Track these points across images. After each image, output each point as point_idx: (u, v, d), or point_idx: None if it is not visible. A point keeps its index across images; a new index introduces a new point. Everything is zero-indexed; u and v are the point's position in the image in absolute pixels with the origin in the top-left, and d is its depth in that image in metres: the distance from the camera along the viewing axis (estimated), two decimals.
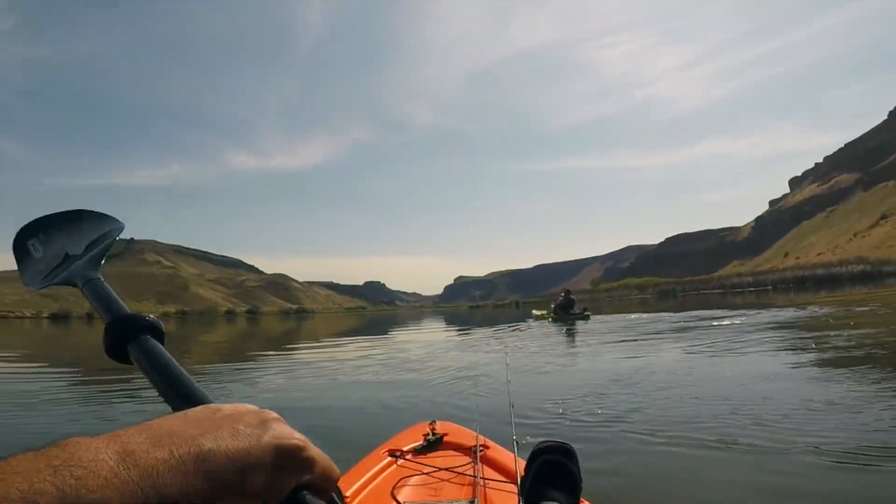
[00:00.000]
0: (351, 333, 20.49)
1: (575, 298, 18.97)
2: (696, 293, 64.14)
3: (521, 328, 15.44)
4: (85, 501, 0.25)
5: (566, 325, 15.48)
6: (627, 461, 2.98)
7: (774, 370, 5.52)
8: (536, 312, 20.10)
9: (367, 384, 6.31)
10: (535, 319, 18.71)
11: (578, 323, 15.86)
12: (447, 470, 1.90)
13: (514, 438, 1.90)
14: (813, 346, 7.18)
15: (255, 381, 7.31)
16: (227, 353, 13.78)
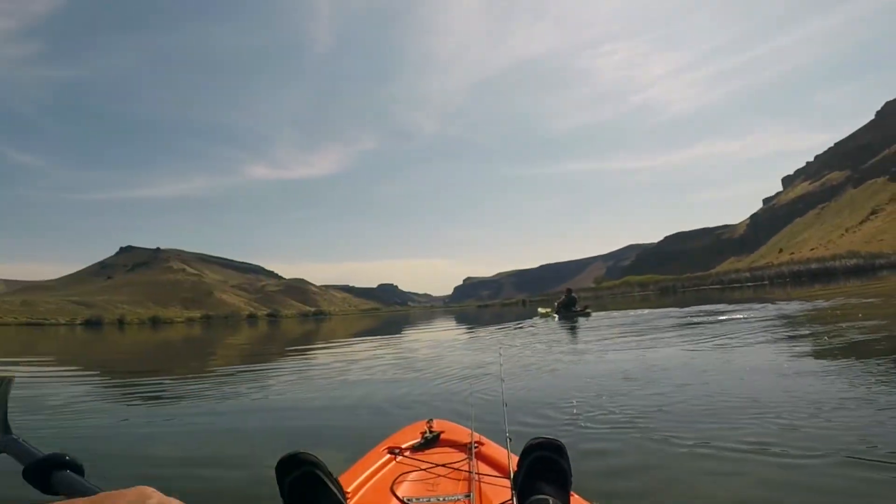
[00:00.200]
0: (365, 334, 20.53)
1: (576, 297, 19.06)
2: (695, 289, 63.55)
3: (524, 326, 15.40)
4: None
5: (569, 322, 15.45)
6: (624, 458, 2.92)
7: (794, 366, 5.12)
8: (541, 310, 20.08)
9: (370, 384, 6.32)
10: (540, 317, 18.73)
11: (580, 320, 15.83)
12: (444, 466, 1.92)
13: (507, 435, 1.91)
14: (827, 339, 6.77)
15: (269, 381, 7.34)
16: (248, 354, 13.86)
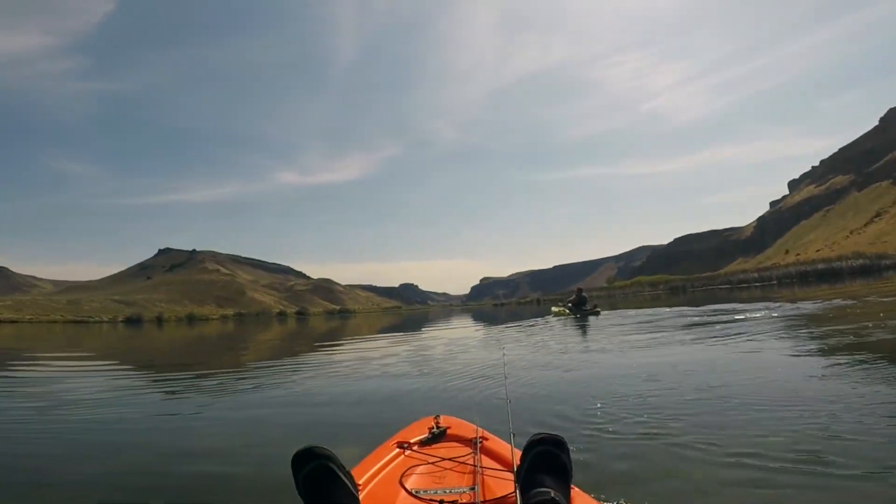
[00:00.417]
0: (386, 331, 20.62)
1: (587, 296, 19.06)
2: (704, 289, 62.58)
3: (537, 324, 15.34)
4: None
5: (580, 320, 15.38)
6: (624, 456, 2.80)
7: (826, 367, 4.64)
8: (555, 309, 20.02)
9: (383, 380, 6.32)
10: (554, 315, 18.69)
11: (591, 319, 15.74)
12: (450, 460, 1.93)
13: (510, 431, 1.89)
14: (852, 338, 6.20)
15: (292, 377, 7.38)
16: (276, 350, 14.00)
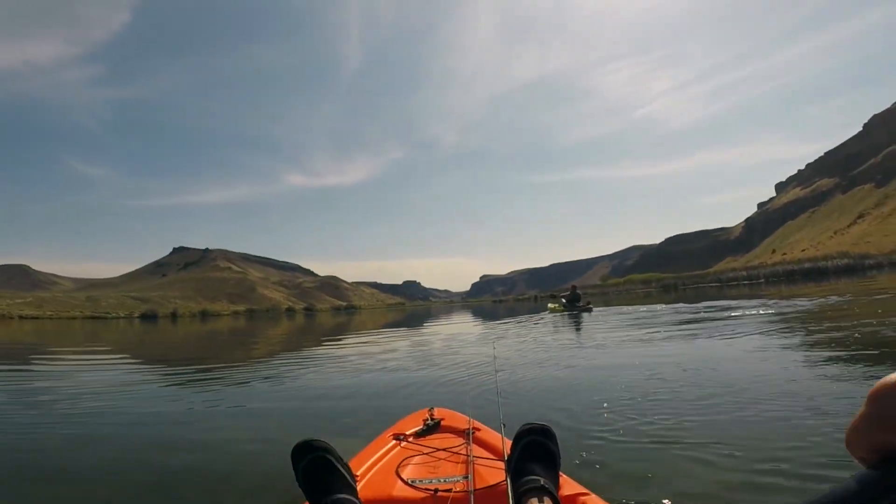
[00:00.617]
0: (390, 326, 20.62)
1: (581, 293, 19.17)
2: (694, 287, 62.58)
3: (533, 319, 15.37)
4: None
5: (574, 316, 15.45)
6: (606, 445, 2.83)
7: (838, 369, 4.26)
8: (551, 305, 20.15)
9: (381, 374, 6.31)
10: (549, 311, 18.76)
11: (584, 315, 15.78)
12: (444, 450, 1.94)
13: (501, 422, 1.90)
14: (858, 336, 5.86)
15: (296, 371, 7.36)
16: (285, 344, 13.99)
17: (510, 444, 1.59)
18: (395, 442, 2.10)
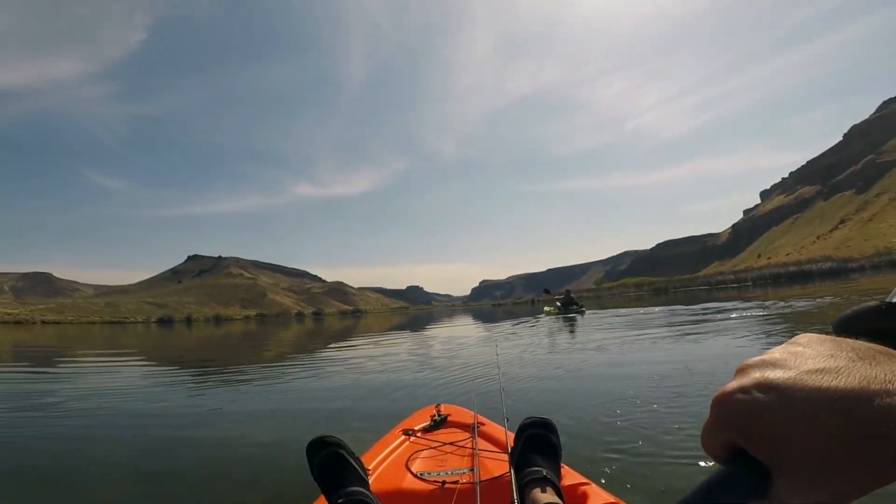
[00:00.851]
0: (394, 329, 20.57)
1: (574, 297, 19.39)
2: (685, 290, 62.48)
3: (529, 322, 15.37)
4: None
5: (568, 319, 15.50)
6: (603, 437, 2.85)
7: None
8: (547, 309, 20.25)
9: (389, 374, 6.30)
10: (545, 315, 18.79)
11: (577, 317, 15.81)
12: (451, 444, 1.95)
13: (504, 416, 1.91)
14: None
15: (307, 372, 7.35)
16: (295, 347, 13.97)
17: (513, 437, 1.60)
18: (404, 437, 2.11)
